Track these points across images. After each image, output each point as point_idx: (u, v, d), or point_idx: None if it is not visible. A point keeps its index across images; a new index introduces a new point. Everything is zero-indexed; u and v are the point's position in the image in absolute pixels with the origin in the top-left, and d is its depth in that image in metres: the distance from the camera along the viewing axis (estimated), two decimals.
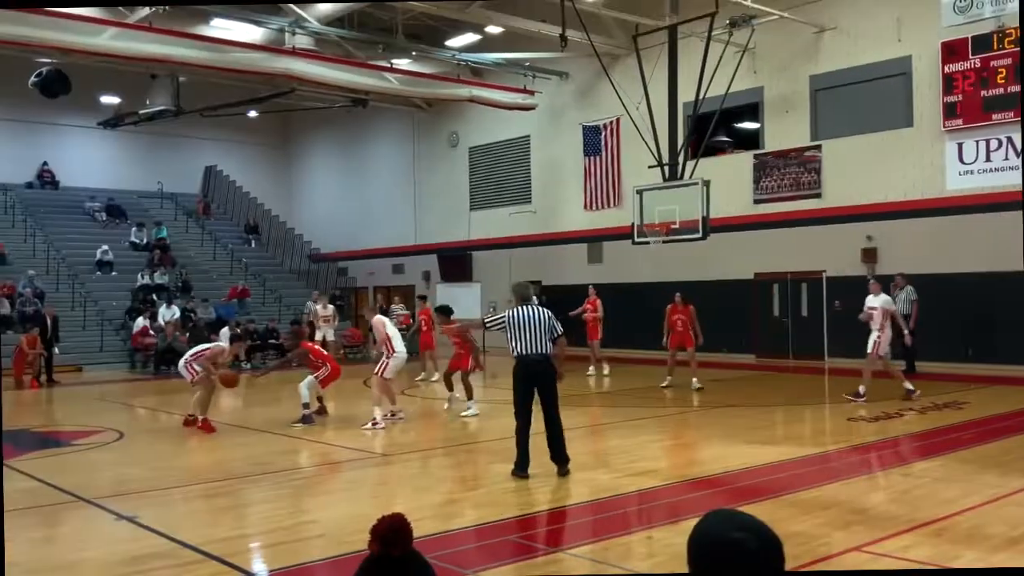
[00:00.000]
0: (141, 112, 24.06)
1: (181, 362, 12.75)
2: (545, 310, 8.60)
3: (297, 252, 32.59)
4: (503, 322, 8.61)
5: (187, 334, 22.90)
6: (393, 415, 12.35)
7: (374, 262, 31.61)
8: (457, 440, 11.77)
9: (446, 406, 13.80)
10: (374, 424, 11.74)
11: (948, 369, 16.86)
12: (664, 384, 15.70)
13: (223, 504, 8.01)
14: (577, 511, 7.58)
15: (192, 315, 24.21)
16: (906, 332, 15.68)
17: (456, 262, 28.50)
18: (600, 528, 7.02)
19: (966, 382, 15.22)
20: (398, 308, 27.26)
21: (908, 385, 13.40)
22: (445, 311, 13.80)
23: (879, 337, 13.25)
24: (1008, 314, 16.84)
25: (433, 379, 18.11)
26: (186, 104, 23.41)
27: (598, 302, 18.51)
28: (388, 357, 12.14)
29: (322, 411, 13.01)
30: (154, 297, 25.30)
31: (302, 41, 20.87)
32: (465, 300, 22.45)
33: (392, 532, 2.07)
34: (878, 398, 13.70)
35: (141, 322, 22.99)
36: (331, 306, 21.70)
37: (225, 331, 18.33)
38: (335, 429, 12.84)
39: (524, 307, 8.58)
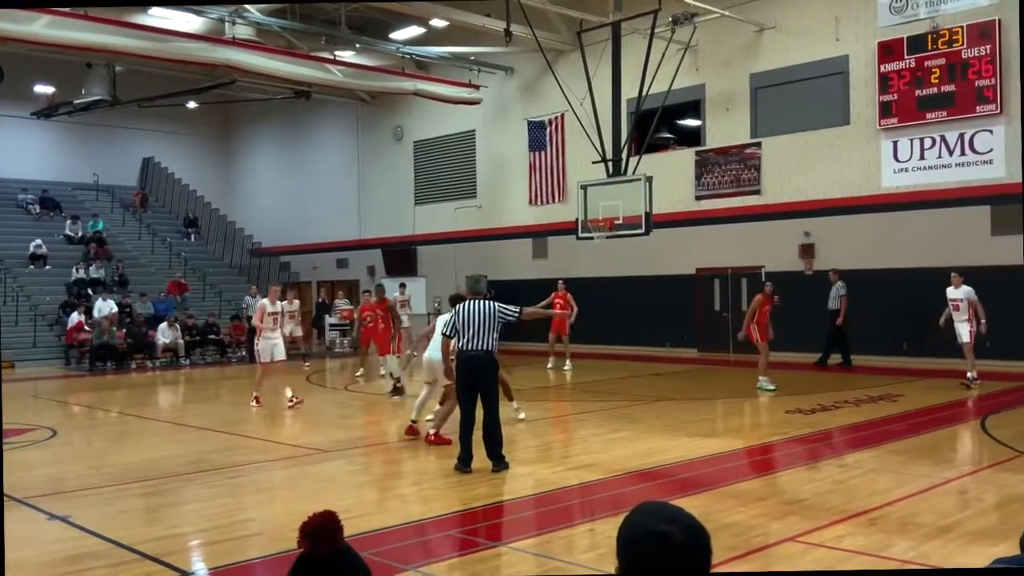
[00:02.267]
0: (76, 102, 23.49)
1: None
2: (493, 304, 8.55)
3: (238, 246, 32.08)
4: (453, 318, 8.60)
5: (124, 329, 22.48)
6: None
7: (318, 256, 31.30)
8: (399, 435, 11.71)
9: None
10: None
11: (883, 363, 17.27)
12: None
13: (159, 503, 7.87)
14: (520, 505, 7.60)
15: (129, 310, 23.71)
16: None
17: (401, 256, 28.36)
18: (542, 521, 7.05)
19: (900, 375, 15.61)
20: (341, 303, 27.11)
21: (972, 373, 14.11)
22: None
23: (971, 326, 14.07)
24: (941, 309, 17.26)
25: (358, 374, 17.96)
26: (123, 94, 22.90)
27: (568, 296, 18.54)
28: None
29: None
30: (89, 292, 24.74)
31: (243, 31, 20.55)
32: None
33: (319, 530, 2.05)
34: (813, 390, 13.99)
35: (76, 317, 22.46)
36: (296, 301, 21.27)
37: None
38: (277, 426, 12.70)
39: (471, 302, 8.57)
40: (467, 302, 8.61)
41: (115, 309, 22.98)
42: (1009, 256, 16.67)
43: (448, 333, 8.68)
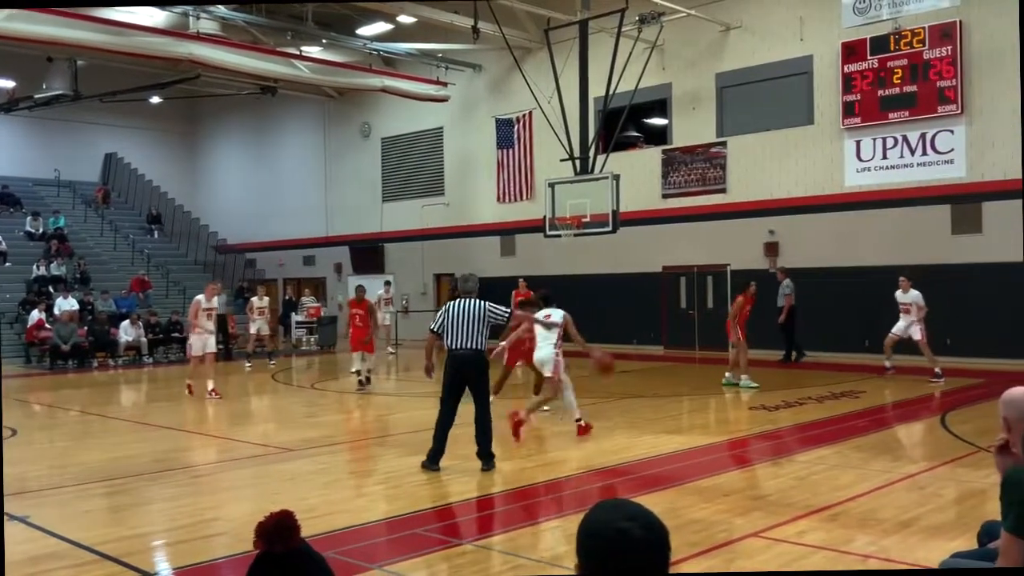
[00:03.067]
0: (37, 96, 23.09)
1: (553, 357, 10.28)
2: (483, 303, 8.49)
3: (202, 243, 31.77)
4: (442, 315, 8.55)
5: (85, 327, 22.17)
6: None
7: (284, 253, 31.08)
8: (367, 434, 11.69)
9: None
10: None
11: (846, 359, 17.49)
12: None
13: (122, 503, 7.77)
14: (486, 502, 7.61)
15: (90, 308, 23.39)
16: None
17: (368, 254, 28.24)
18: (509, 519, 7.07)
19: (863, 372, 15.81)
20: (308, 300, 26.94)
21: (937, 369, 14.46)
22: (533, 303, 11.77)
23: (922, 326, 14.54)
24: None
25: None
26: (85, 88, 22.54)
27: (531, 295, 18.48)
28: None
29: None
30: (50, 289, 24.36)
31: (207, 26, 20.33)
32: (377, 292, 22.20)
33: (275, 529, 2.04)
34: (778, 387, 14.14)
35: (36, 315, 22.10)
36: (266, 297, 21.04)
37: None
38: (242, 425, 12.61)
39: (461, 300, 8.53)
40: (457, 300, 8.57)
41: (76, 307, 22.65)
42: (969, 254, 16.98)
43: (436, 330, 8.58)
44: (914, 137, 17.68)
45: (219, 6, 20.37)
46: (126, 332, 22.14)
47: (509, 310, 8.84)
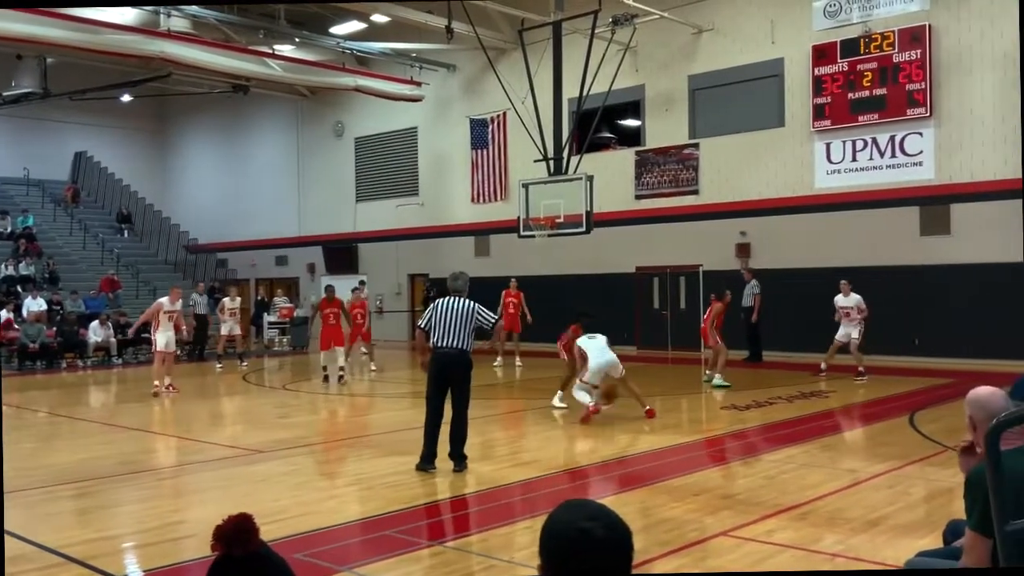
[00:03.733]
0: (5, 94, 22.84)
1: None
2: (471, 303, 8.45)
3: (173, 242, 31.47)
4: (430, 312, 8.51)
5: (53, 327, 21.90)
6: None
7: (256, 253, 30.86)
8: (339, 435, 11.64)
9: None
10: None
11: (816, 360, 17.60)
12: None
13: (89, 505, 7.69)
14: (459, 503, 7.60)
15: (59, 308, 23.11)
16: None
17: (342, 254, 28.12)
18: (481, 519, 7.07)
19: (833, 372, 15.92)
20: (281, 301, 26.78)
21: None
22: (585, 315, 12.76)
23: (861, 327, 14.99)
24: (872, 306, 17.68)
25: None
26: (54, 87, 22.32)
27: (521, 296, 18.59)
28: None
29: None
30: (19, 289, 24.04)
31: (178, 24, 20.16)
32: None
33: (233, 532, 2.02)
34: (748, 387, 14.24)
35: (4, 315, 21.80)
36: (238, 298, 20.82)
37: None
38: (212, 426, 12.51)
39: (448, 299, 8.50)
40: (445, 299, 8.52)
41: (44, 307, 22.38)
42: (937, 255, 17.18)
43: (424, 327, 8.53)
44: (883, 139, 17.86)
45: (191, 4, 20.20)
46: (95, 332, 21.89)
47: (496, 316, 8.83)
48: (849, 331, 15.09)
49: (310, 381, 17.18)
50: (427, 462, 8.30)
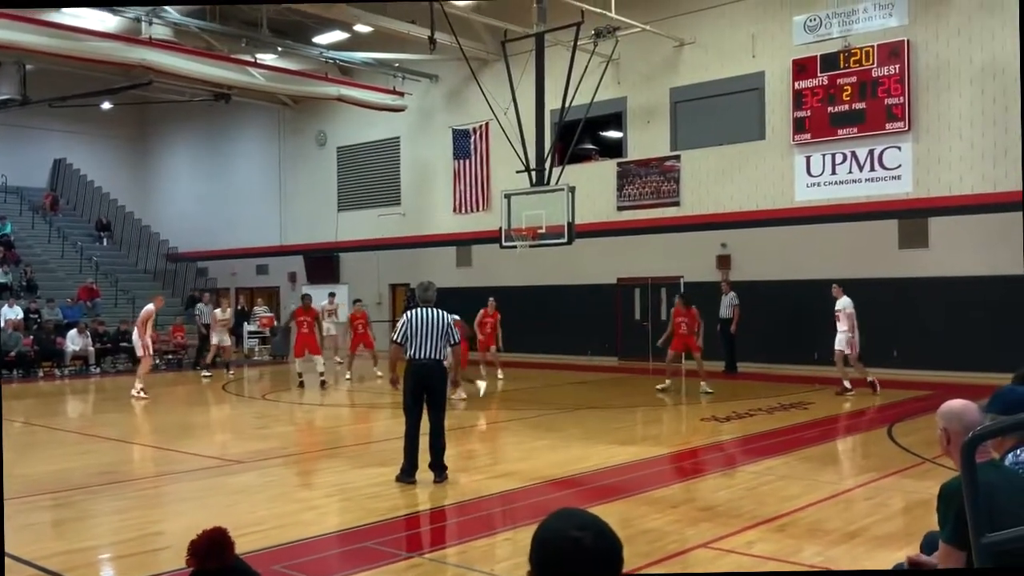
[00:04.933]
0: None
1: None
2: (445, 315, 8.47)
3: (152, 251, 31.27)
4: (405, 325, 8.46)
5: (30, 336, 21.69)
6: None
7: (236, 262, 30.70)
8: (318, 445, 11.57)
9: None
10: None
11: (796, 371, 17.71)
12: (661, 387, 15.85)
13: (65, 516, 7.61)
14: (439, 514, 7.57)
15: (37, 316, 22.89)
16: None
17: (323, 263, 28.03)
18: (462, 531, 7.05)
19: (812, 383, 16.02)
20: (261, 310, 26.63)
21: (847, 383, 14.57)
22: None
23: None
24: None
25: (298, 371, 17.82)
26: (33, 93, 22.11)
27: (498, 316, 18.52)
28: None
29: None
30: None
31: (160, 31, 20.07)
32: (320, 303, 22.01)
33: (207, 546, 2.01)
34: (728, 398, 14.29)
35: None
36: (229, 309, 20.59)
37: None
38: (190, 437, 12.42)
39: (423, 309, 8.48)
40: (418, 310, 8.50)
41: (21, 315, 22.16)
42: (915, 268, 17.33)
43: (399, 340, 8.50)
44: (863, 153, 18.02)
45: (172, 11, 20.14)
46: (73, 341, 21.69)
47: (459, 340, 8.81)
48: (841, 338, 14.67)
49: (289, 391, 17.10)
50: (408, 474, 8.27)
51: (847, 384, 14.62)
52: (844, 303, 14.70)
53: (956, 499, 2.88)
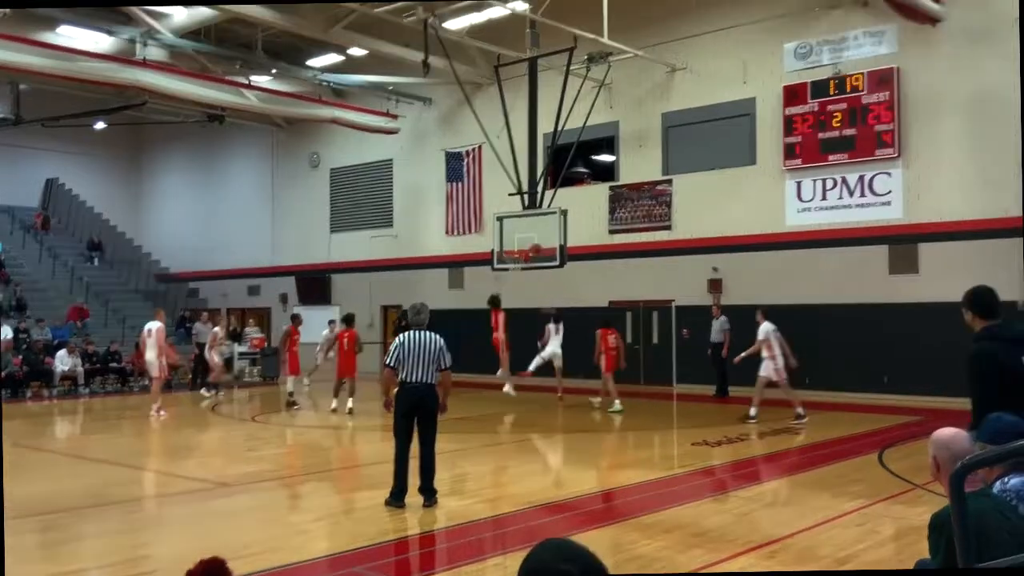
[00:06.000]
0: None
1: None
2: (437, 337, 8.37)
3: (143, 271, 31.20)
4: (397, 348, 8.35)
5: (20, 356, 21.58)
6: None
7: (228, 283, 30.64)
8: (308, 468, 11.51)
9: None
10: None
11: (786, 396, 17.70)
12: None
13: (53, 538, 7.55)
14: (428, 539, 7.54)
15: (26, 335, 22.78)
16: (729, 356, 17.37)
17: (315, 284, 28.00)
18: (452, 556, 7.01)
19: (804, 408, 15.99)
20: (252, 331, 26.55)
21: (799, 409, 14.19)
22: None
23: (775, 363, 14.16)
24: (843, 344, 17.88)
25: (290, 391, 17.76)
26: (27, 113, 22.18)
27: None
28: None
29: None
30: None
31: (155, 53, 20.12)
32: (323, 323, 21.97)
33: (205, 574, 2.01)
34: (718, 423, 14.28)
35: None
36: (218, 329, 20.22)
37: None
38: (180, 459, 12.34)
39: (415, 332, 8.39)
40: (410, 333, 8.40)
41: (10, 335, 22.04)
42: (906, 294, 17.39)
43: (392, 364, 8.39)
44: (853, 179, 18.13)
45: (167, 32, 20.21)
46: (62, 362, 21.57)
47: (449, 363, 8.45)
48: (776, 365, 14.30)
49: (280, 413, 17.03)
50: (397, 498, 8.22)
51: (800, 410, 14.20)
52: (765, 329, 14.36)
53: (947, 528, 2.88)
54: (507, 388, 17.22)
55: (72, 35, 19.96)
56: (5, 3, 13.60)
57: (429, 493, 8.33)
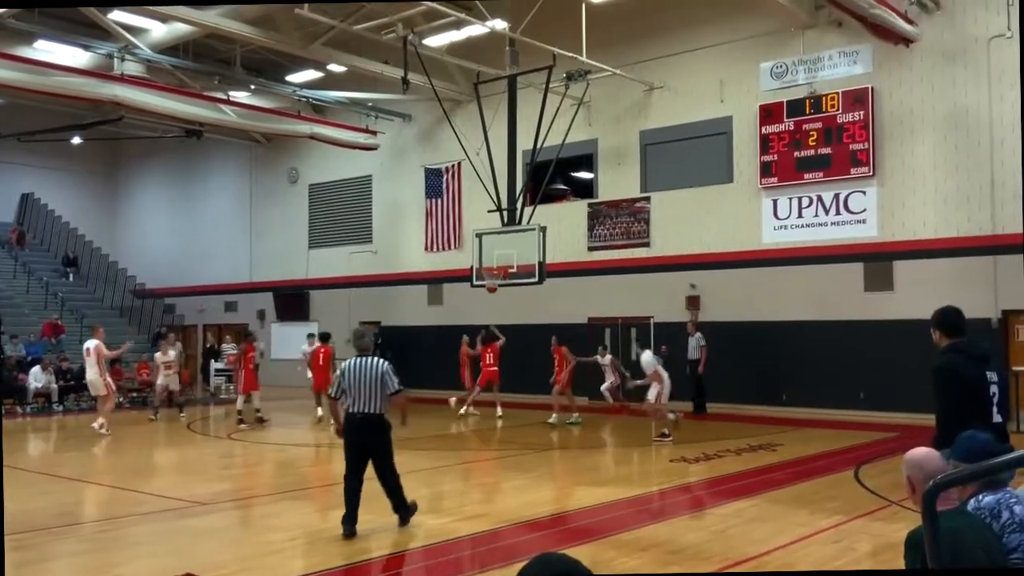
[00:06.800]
0: None
1: None
2: (381, 363, 8.03)
3: (119, 287, 30.91)
4: (338, 378, 8.09)
5: None
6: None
7: (205, 299, 30.43)
8: (282, 487, 11.41)
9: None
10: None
11: (763, 412, 17.80)
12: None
13: (23, 559, 7.41)
14: (407, 558, 7.48)
15: None
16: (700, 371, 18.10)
17: (293, 301, 27.86)
18: (432, 574, 6.96)
19: (780, 425, 16.10)
20: (229, 347, 26.33)
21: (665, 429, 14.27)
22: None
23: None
24: (819, 360, 17.99)
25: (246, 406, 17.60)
26: (2, 127, 22.02)
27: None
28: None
29: None
30: None
31: (132, 68, 20.02)
32: (301, 340, 21.82)
33: None
34: (697, 439, 14.31)
35: None
36: (172, 351, 19.72)
37: None
38: (153, 477, 12.21)
39: (357, 359, 8.05)
40: (353, 360, 8.05)
41: None
42: (881, 311, 17.54)
43: (335, 395, 8.14)
44: (828, 197, 18.30)
45: (145, 48, 20.12)
46: (36, 378, 21.32)
47: (400, 388, 8.12)
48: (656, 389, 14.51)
49: (255, 431, 16.89)
50: (346, 524, 7.74)
51: (666, 430, 14.28)
52: (647, 360, 14.58)
53: (923, 546, 2.90)
54: (465, 409, 18.53)
55: (49, 49, 19.82)
56: (5, 3, 13.55)
57: (402, 513, 8.14)
